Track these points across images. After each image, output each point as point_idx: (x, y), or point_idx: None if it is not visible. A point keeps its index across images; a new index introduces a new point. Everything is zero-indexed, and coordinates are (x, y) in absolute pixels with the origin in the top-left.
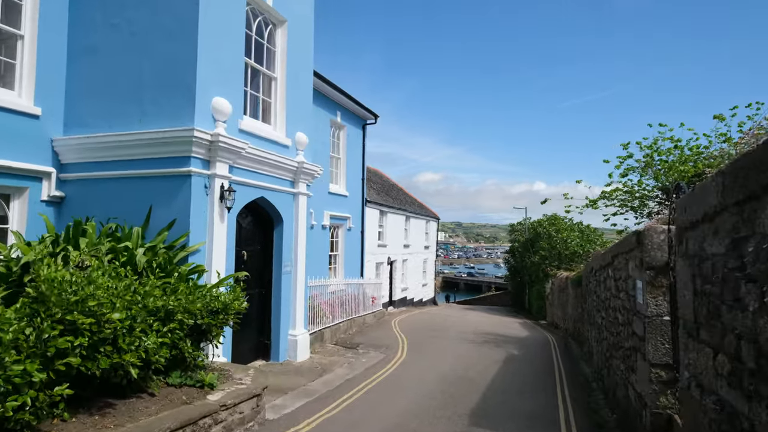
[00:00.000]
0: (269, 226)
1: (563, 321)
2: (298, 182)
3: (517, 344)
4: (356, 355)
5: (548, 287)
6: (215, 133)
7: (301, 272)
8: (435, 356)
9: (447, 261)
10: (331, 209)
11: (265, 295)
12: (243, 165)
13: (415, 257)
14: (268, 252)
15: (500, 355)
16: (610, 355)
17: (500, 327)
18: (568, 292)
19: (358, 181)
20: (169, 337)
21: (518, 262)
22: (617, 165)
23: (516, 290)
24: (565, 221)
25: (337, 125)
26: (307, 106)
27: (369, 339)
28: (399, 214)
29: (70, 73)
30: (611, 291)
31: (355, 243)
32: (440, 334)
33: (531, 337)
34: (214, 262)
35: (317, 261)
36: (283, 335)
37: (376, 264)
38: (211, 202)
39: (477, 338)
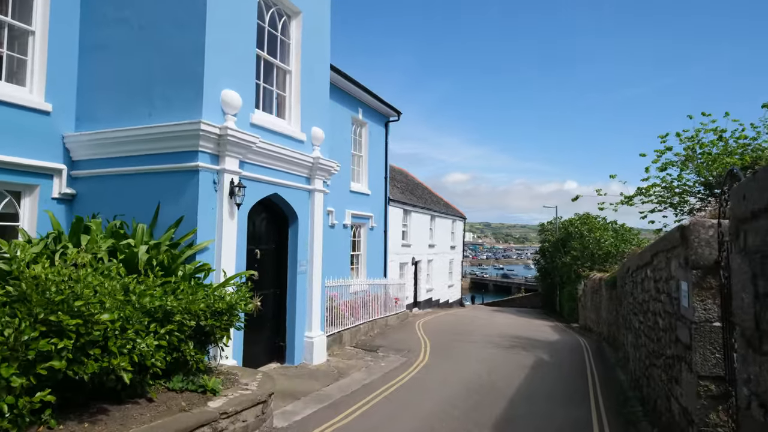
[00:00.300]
0: (284, 223)
1: (597, 324)
2: (313, 178)
3: (547, 348)
4: (375, 358)
5: (580, 289)
6: (224, 127)
7: (318, 272)
8: (458, 361)
9: (475, 262)
10: (353, 208)
11: (280, 295)
12: (254, 160)
13: (441, 257)
14: (283, 251)
15: (528, 360)
16: (650, 363)
17: (529, 330)
18: (602, 294)
19: (381, 180)
20: (167, 339)
21: (549, 262)
22: (655, 159)
23: (546, 292)
24: (598, 220)
25: (358, 122)
26: (324, 101)
27: (390, 341)
28: (424, 213)
29: (81, 69)
30: (650, 293)
31: (377, 243)
32: (465, 337)
33: (562, 340)
34: (223, 260)
35: (338, 261)
36: (298, 337)
37: (400, 264)
38: (220, 199)
39: (504, 342)
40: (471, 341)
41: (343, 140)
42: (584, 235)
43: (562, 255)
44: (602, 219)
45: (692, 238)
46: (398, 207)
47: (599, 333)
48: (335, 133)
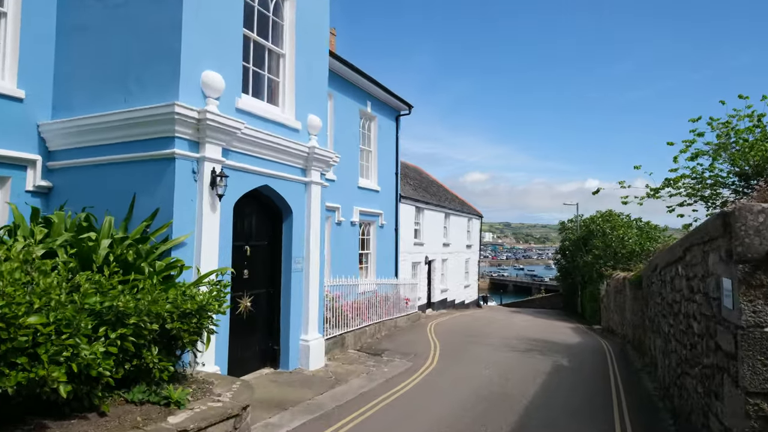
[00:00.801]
0: (277, 218)
1: (620, 326)
2: (310, 170)
3: (567, 352)
4: (378, 363)
5: (603, 289)
6: (202, 110)
7: (315, 270)
8: (469, 366)
9: (495, 262)
10: (361, 205)
11: (274, 295)
12: (241, 149)
13: (456, 257)
14: (276, 248)
15: (546, 365)
16: (682, 372)
17: (548, 332)
18: (626, 294)
19: (392, 176)
20: (118, 345)
21: (569, 262)
22: (683, 149)
23: (567, 292)
24: (621, 218)
25: (367, 116)
26: (321, 87)
27: (397, 344)
28: (437, 211)
29: (59, 54)
30: (682, 293)
31: (388, 241)
32: (479, 339)
33: (583, 344)
34: (203, 257)
35: (346, 260)
36: (293, 340)
37: (413, 263)
38: (200, 190)
39: (521, 345)
40: (484, 344)
41: (350, 134)
42: (607, 233)
43: (584, 254)
44: (626, 216)
45: (738, 226)
46: (410, 204)
47: (623, 335)
48: (342, 127)
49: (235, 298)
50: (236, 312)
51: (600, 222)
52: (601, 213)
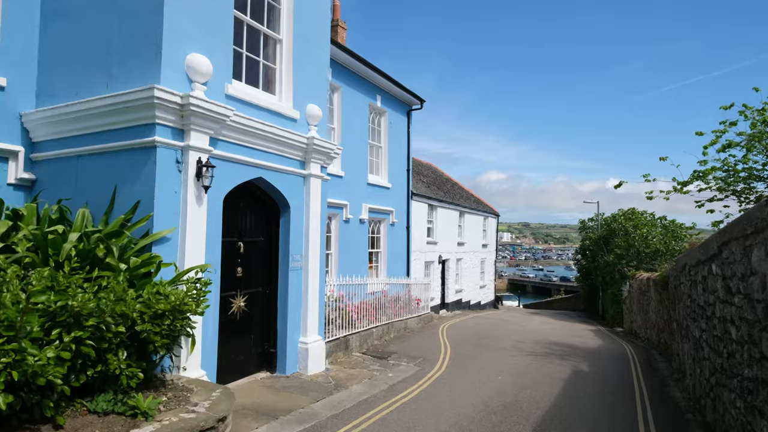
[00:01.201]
0: (274, 213)
1: (644, 329)
2: (309, 162)
3: (587, 357)
4: (384, 367)
5: (625, 290)
6: (185, 95)
7: (315, 269)
8: (481, 371)
9: (513, 263)
10: (370, 202)
11: (270, 294)
12: (232, 138)
13: (472, 256)
14: (273, 244)
15: (565, 371)
16: (717, 383)
17: (568, 335)
18: (650, 295)
19: (403, 172)
20: (72, 349)
21: (590, 262)
22: (713, 140)
23: (588, 293)
24: (645, 216)
25: (376, 110)
26: (322, 76)
27: (406, 347)
28: (451, 209)
29: (42, 40)
30: (717, 294)
31: (399, 239)
32: (493, 342)
33: (604, 347)
34: (188, 253)
35: (354, 258)
36: (291, 343)
37: (425, 263)
38: (184, 181)
39: (538, 349)
40: (499, 348)
41: (358, 129)
42: (629, 232)
43: (605, 253)
44: (650, 214)
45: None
46: (422, 202)
47: (647, 339)
48: (350, 121)
49: (228, 298)
50: (229, 313)
51: (622, 220)
52: (623, 211)
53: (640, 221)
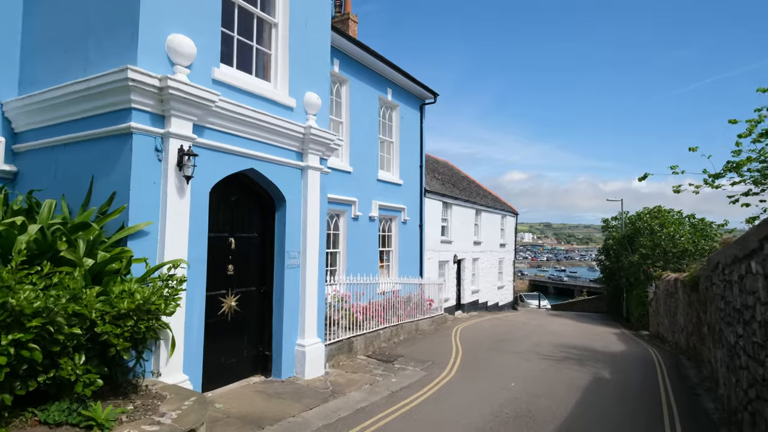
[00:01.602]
0: (269, 207)
1: (671, 333)
2: (306, 153)
3: (609, 362)
4: (388, 372)
5: (651, 291)
6: (163, 77)
7: (313, 267)
8: (493, 377)
9: (534, 263)
10: (381, 199)
11: (265, 294)
12: (220, 126)
13: (489, 256)
14: (268, 241)
15: (584, 378)
16: (757, 396)
17: (589, 338)
18: (678, 297)
19: (416, 168)
20: (11, 353)
21: (613, 262)
22: (750, 128)
23: (612, 295)
24: (672, 214)
25: (387, 104)
26: (322, 62)
27: (415, 350)
28: (467, 207)
29: (25, 25)
30: (757, 295)
31: (411, 238)
32: (509, 346)
33: (628, 352)
34: (168, 248)
35: (364, 257)
36: (287, 345)
37: (439, 262)
38: (165, 171)
39: (556, 353)
40: (514, 351)
41: (368, 123)
42: (655, 231)
43: (629, 253)
44: (677, 212)
45: None
46: (436, 199)
47: (674, 343)
48: (359, 115)
49: (217, 297)
50: (219, 313)
51: (647, 219)
52: (649, 209)
53: (667, 219)
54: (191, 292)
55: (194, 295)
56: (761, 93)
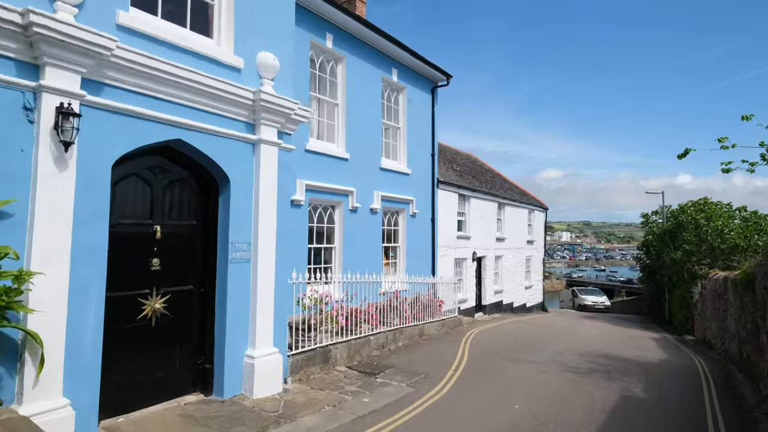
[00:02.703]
0: (212, 190)
1: (720, 339)
2: (259, 125)
3: (644, 376)
4: (364, 388)
5: (696, 292)
6: (25, 10)
7: (268, 262)
8: (496, 395)
9: (573, 263)
10: (385, 189)
11: (206, 294)
12: (127, 84)
13: (514, 254)
14: (210, 230)
15: (610, 397)
16: None
17: (624, 344)
18: (728, 299)
19: (426, 157)
20: None
21: (654, 260)
22: None
23: (652, 295)
24: (720, 207)
25: (392, 86)
26: (283, 19)
27: (411, 359)
28: (488, 200)
29: None
30: None
31: (421, 233)
32: (526, 354)
33: (669, 362)
34: (38, 233)
35: (364, 253)
36: (233, 356)
37: (456, 260)
38: (37, 135)
39: (581, 363)
40: (531, 361)
41: (368, 105)
42: (700, 225)
43: (671, 250)
44: (726, 205)
45: None
46: (451, 191)
47: (724, 351)
48: (357, 95)
49: (136, 298)
50: (138, 317)
51: (692, 212)
52: (693, 201)
53: (714, 212)
54: (81, 291)
55: (87, 294)
56: None
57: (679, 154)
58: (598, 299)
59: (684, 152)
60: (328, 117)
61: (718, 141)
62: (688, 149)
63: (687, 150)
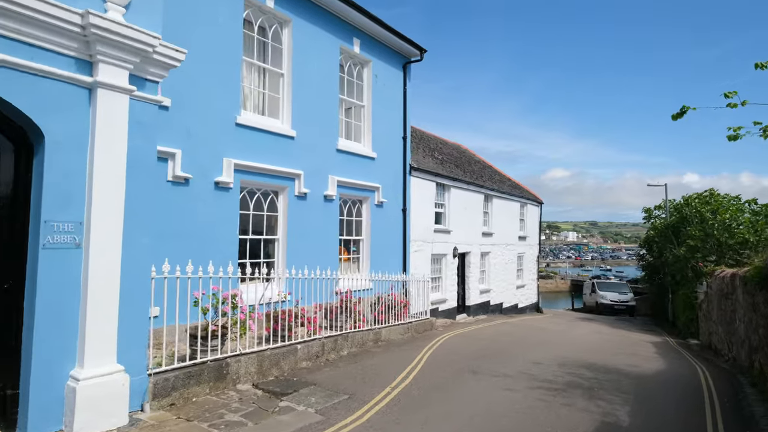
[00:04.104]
0: (26, 151)
1: (727, 345)
2: (97, 63)
3: (635, 392)
4: (253, 416)
5: (701, 291)
6: None
7: (112, 251)
8: (437, 423)
9: (578, 263)
10: (343, 174)
11: (12, 292)
12: None
13: (504, 250)
14: (21, 205)
15: (584, 424)
16: None
17: (618, 351)
18: (737, 299)
19: (397, 141)
20: None
21: (656, 257)
22: None
23: (656, 295)
24: (728, 200)
25: (354, 58)
26: None
27: (345, 373)
28: (472, 191)
29: None
30: None
31: (390, 225)
32: (495, 365)
33: (666, 374)
34: None
35: (316, 247)
36: (47, 379)
37: (433, 256)
38: None
39: (559, 376)
40: (498, 374)
41: (323, 77)
42: (706, 219)
43: (674, 246)
44: (735, 198)
45: None
46: (428, 179)
47: (732, 358)
48: (308, 66)
49: None
50: None
51: (696, 204)
52: (699, 194)
53: (721, 204)
54: None
55: None
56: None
57: (674, 114)
58: (621, 297)
59: (680, 111)
60: (271, 89)
61: (725, 96)
62: (685, 107)
63: (684, 108)
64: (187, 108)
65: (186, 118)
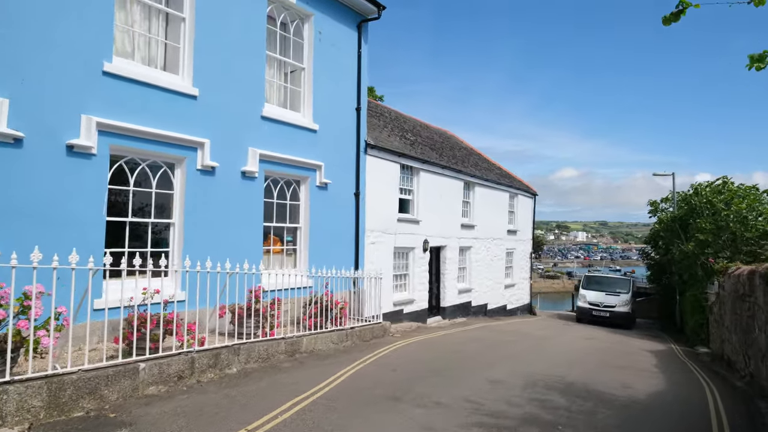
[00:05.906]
0: None
1: (743, 357)
2: None
3: (615, 427)
4: None
5: (712, 292)
6: None
7: None
8: None
9: (586, 263)
10: (271, 148)
11: None
12: None
13: (489, 245)
14: None
15: None
16: None
17: (606, 364)
18: (755, 300)
19: (349, 112)
20: None
21: (662, 254)
22: None
23: (663, 296)
24: (745, 189)
25: (290, 9)
26: None
27: (199, 404)
28: (447, 176)
29: None
30: None
31: (337, 211)
32: (432, 389)
33: (664, 398)
34: None
35: (229, 235)
36: None
37: (396, 249)
38: None
39: (518, 404)
40: (428, 403)
41: (244, 29)
42: (719, 210)
43: (682, 241)
44: (752, 188)
45: None
46: (390, 160)
47: (749, 374)
48: (220, 11)
49: None
50: None
51: (707, 194)
52: (710, 182)
53: (736, 194)
54: None
55: None
56: None
57: (664, 15)
58: (607, 299)
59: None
60: (170, 37)
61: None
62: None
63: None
64: None
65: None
